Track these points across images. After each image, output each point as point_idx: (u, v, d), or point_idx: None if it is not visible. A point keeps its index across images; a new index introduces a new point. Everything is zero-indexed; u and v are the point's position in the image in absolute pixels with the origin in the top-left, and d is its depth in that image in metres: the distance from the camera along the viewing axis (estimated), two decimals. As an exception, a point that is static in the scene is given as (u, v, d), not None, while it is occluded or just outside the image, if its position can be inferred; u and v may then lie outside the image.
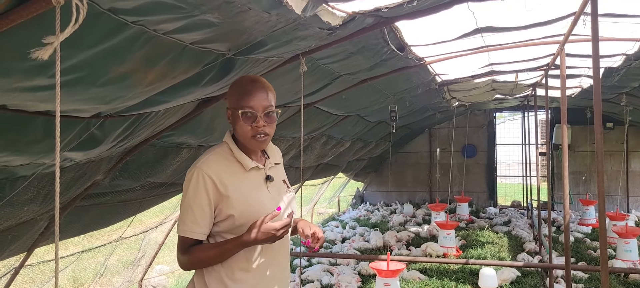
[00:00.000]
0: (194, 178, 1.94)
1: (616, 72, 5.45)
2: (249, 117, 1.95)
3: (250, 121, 1.95)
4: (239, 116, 1.94)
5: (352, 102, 5.47)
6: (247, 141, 2.00)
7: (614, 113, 9.84)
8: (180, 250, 2.00)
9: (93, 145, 2.50)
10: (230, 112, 2.00)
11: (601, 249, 2.63)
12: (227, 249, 1.96)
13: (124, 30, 1.55)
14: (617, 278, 6.63)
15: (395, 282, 5.54)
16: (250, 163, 2.02)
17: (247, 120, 1.95)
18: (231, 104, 1.99)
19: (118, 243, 5.02)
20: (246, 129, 1.96)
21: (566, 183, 4.32)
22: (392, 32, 3.29)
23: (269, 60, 2.67)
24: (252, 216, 1.97)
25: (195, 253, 1.98)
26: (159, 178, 3.99)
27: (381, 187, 13.66)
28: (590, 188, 11.77)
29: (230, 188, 1.95)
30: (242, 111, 1.94)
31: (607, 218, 9.63)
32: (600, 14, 3.30)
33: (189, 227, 1.95)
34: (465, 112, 11.67)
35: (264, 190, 2.07)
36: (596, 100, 2.65)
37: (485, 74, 5.67)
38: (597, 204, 8.52)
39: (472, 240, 9.00)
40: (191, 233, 1.95)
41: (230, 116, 2.01)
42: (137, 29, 1.58)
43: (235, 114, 1.96)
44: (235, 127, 2.01)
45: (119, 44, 1.61)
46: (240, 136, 2.00)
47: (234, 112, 1.97)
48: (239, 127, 1.97)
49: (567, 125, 4.30)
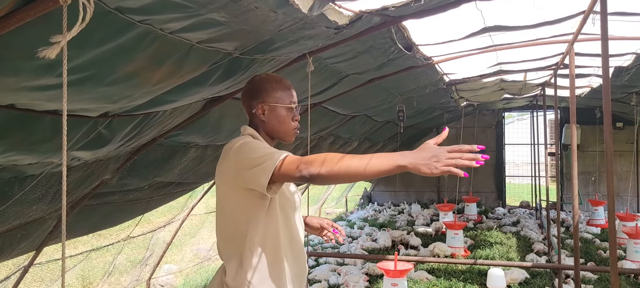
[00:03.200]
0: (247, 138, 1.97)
1: (626, 72, 5.40)
2: (293, 112, 2.06)
3: (293, 115, 2.06)
4: (283, 110, 2.03)
5: (360, 102, 5.46)
6: (287, 134, 2.07)
7: (624, 113, 9.76)
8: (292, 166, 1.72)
9: (101, 145, 2.51)
10: (267, 107, 2.02)
11: (611, 250, 2.60)
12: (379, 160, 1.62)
13: (131, 29, 1.56)
14: (627, 279, 6.57)
15: (403, 282, 5.52)
16: None
17: (291, 115, 2.06)
18: (269, 99, 2.02)
19: (126, 242, 5.04)
20: (289, 122, 2.05)
21: (575, 184, 4.28)
22: (400, 31, 3.28)
23: (276, 60, 2.66)
24: (287, 205, 2.03)
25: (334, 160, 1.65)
26: (166, 178, 4.00)
27: (389, 187, 13.63)
28: (599, 188, 11.68)
29: None
30: (290, 106, 2.04)
31: (617, 219, 9.55)
32: (610, 12, 3.28)
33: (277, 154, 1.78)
34: (473, 112, 11.62)
35: None
36: (606, 100, 2.63)
37: (493, 74, 5.65)
38: (607, 204, 8.49)
39: (480, 240, 8.96)
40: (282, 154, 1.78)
41: (266, 110, 2.02)
42: (144, 28, 1.58)
43: (277, 108, 2.02)
44: (274, 121, 2.04)
45: (126, 43, 1.62)
46: (283, 130, 2.05)
47: (275, 107, 2.02)
48: (282, 121, 2.04)
49: (576, 125, 4.26)
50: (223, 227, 2.02)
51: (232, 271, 1.96)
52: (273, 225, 1.98)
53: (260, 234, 1.94)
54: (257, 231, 1.94)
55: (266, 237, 1.96)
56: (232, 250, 1.98)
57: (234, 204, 1.96)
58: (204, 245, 7.99)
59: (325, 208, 12.48)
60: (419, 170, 1.56)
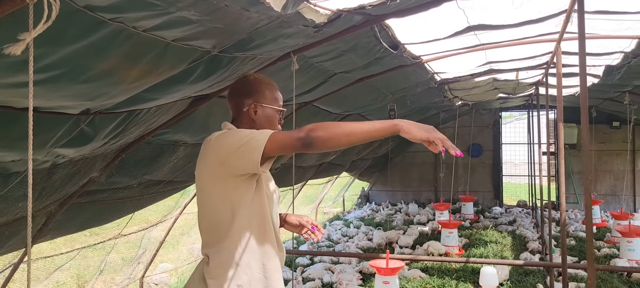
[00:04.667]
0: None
1: (617, 70, 5.42)
2: (280, 115, 2.19)
3: (281, 119, 2.20)
4: (274, 112, 2.14)
5: (352, 101, 5.49)
6: None
7: (620, 112, 9.77)
8: (289, 135, 1.82)
9: (84, 142, 2.54)
10: (260, 107, 2.11)
11: (588, 247, 2.63)
12: (374, 124, 1.77)
13: (103, 27, 1.59)
14: (619, 278, 6.60)
15: (395, 279, 5.55)
16: None
17: (278, 117, 2.18)
18: (263, 100, 2.12)
19: (117, 240, 5.07)
20: (276, 125, 2.17)
21: (562, 182, 4.31)
22: (384, 30, 3.31)
23: (258, 58, 2.70)
24: (267, 197, 2.05)
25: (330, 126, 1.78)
26: (156, 176, 4.04)
27: (387, 186, 13.66)
28: (595, 187, 11.70)
29: None
30: (280, 109, 2.16)
31: (612, 218, 9.57)
32: (594, 11, 3.32)
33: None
34: (469, 111, 11.64)
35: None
36: (583, 98, 2.66)
37: (484, 73, 5.67)
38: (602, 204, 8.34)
39: (475, 239, 8.98)
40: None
41: (257, 110, 2.11)
42: (116, 26, 1.62)
43: (269, 110, 2.13)
44: (263, 121, 2.13)
45: (99, 41, 1.65)
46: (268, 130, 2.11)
47: (267, 109, 2.12)
48: (270, 122, 2.14)
49: (565, 124, 4.29)
50: (207, 219, 2.04)
51: (217, 259, 1.98)
52: (261, 207, 2.01)
53: (247, 217, 1.97)
54: (245, 214, 1.96)
55: (253, 219, 1.98)
56: (216, 239, 1.99)
57: (218, 195, 1.97)
58: (199, 243, 8.01)
59: (322, 207, 12.51)
60: (411, 131, 1.75)
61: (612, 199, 11.71)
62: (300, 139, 1.78)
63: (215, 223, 1.99)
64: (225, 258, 1.96)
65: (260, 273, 2.01)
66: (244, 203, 1.95)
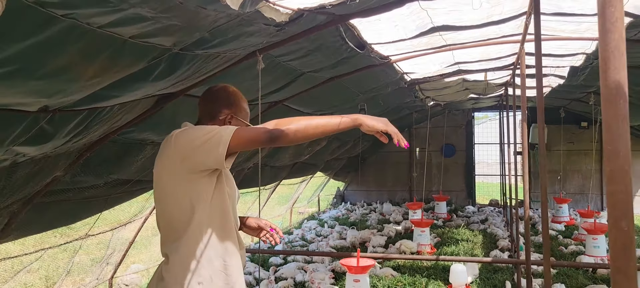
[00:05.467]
0: None
1: (580, 71, 5.56)
2: None
3: None
4: (244, 123, 2.15)
5: (323, 101, 5.53)
6: None
7: (587, 112, 10.01)
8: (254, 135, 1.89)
9: (45, 140, 2.52)
10: (235, 119, 2.14)
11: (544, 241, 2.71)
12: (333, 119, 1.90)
13: (55, 23, 1.59)
14: (585, 274, 6.76)
15: (365, 278, 5.61)
16: None
17: None
18: (239, 112, 2.16)
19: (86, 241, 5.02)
20: None
21: (526, 180, 4.42)
22: (349, 30, 3.35)
23: (222, 57, 2.71)
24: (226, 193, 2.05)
25: (294, 120, 1.89)
26: (123, 175, 4.01)
27: (362, 186, 13.75)
28: (564, 186, 11.95)
29: None
30: (248, 123, 2.16)
31: (578, 215, 9.80)
32: (553, 12, 3.41)
33: None
34: (442, 112, 11.79)
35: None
36: (539, 97, 2.73)
37: (453, 73, 5.76)
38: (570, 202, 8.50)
39: (447, 237, 9.10)
40: None
41: (231, 118, 2.13)
42: (69, 22, 1.61)
43: (241, 122, 2.15)
44: None
45: (52, 37, 1.65)
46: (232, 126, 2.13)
47: (240, 121, 2.15)
48: None
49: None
50: (167, 216, 2.02)
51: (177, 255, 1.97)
52: (221, 203, 2.02)
53: (208, 213, 1.97)
54: (205, 211, 1.97)
55: (213, 215, 1.99)
56: (176, 235, 1.99)
57: (178, 191, 1.96)
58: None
59: (297, 207, 12.52)
60: (367, 123, 1.91)
61: (581, 198, 11.98)
62: (266, 133, 1.84)
63: (174, 219, 1.99)
64: (184, 255, 1.97)
65: (221, 269, 2.02)
66: (204, 199, 1.96)
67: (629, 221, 0.92)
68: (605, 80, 0.93)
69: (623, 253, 0.91)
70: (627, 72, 0.88)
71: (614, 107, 0.92)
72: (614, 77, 0.92)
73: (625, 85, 0.92)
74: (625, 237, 0.92)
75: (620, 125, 0.92)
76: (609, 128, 0.93)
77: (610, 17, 0.91)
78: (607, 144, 0.94)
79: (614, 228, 0.93)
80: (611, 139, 0.93)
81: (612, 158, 0.93)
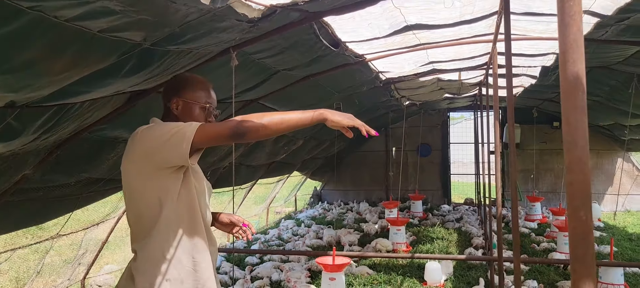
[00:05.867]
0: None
1: (552, 71, 5.67)
2: (207, 112, 2.12)
3: (207, 115, 2.12)
4: (197, 108, 2.09)
5: (299, 100, 5.52)
6: None
7: (559, 112, 10.18)
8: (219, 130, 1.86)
9: (12, 137, 2.47)
10: (182, 102, 2.09)
11: (514, 238, 2.75)
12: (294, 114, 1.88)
13: (21, 16, 1.56)
14: (556, 270, 6.89)
15: (341, 276, 5.63)
16: None
17: (205, 114, 2.12)
18: (189, 96, 2.09)
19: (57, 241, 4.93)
20: (203, 121, 2.10)
21: (498, 177, 4.48)
22: (324, 27, 3.36)
23: (195, 53, 2.69)
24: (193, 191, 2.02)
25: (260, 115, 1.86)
26: (95, 174, 3.95)
27: (339, 185, 13.79)
28: (537, 185, 12.16)
29: None
30: (205, 105, 2.10)
31: (550, 213, 9.98)
32: (523, 12, 3.46)
33: None
34: (418, 112, 11.89)
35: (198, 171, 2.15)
36: (509, 96, 2.78)
37: (428, 72, 5.82)
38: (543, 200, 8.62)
39: (423, 236, 9.19)
40: None
41: (180, 106, 2.09)
42: (35, 15, 1.59)
43: (192, 105, 2.09)
44: (186, 117, 2.08)
45: (18, 30, 1.62)
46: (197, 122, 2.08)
47: (190, 104, 2.09)
48: (193, 118, 2.08)
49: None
50: (134, 213, 2.01)
51: (145, 252, 1.96)
52: (189, 200, 2.00)
53: (175, 210, 1.95)
54: (172, 207, 1.95)
55: (182, 212, 1.97)
56: (144, 232, 1.97)
57: (145, 188, 1.95)
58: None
59: (274, 207, 12.50)
60: (332, 118, 1.89)
61: (553, 196, 12.22)
62: (231, 129, 1.83)
63: (142, 216, 1.97)
64: (152, 251, 1.95)
65: (190, 267, 2.00)
66: (171, 196, 1.94)
67: (587, 210, 0.94)
68: (564, 73, 0.95)
69: (582, 242, 0.94)
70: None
71: (573, 98, 0.94)
72: (572, 69, 0.94)
73: (583, 77, 0.94)
74: (584, 226, 0.94)
75: (578, 117, 0.94)
76: (568, 120, 0.96)
77: (569, 11, 0.94)
78: (566, 135, 0.96)
79: (572, 217, 0.95)
80: (569, 131, 0.95)
81: (571, 149, 0.95)
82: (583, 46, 0.95)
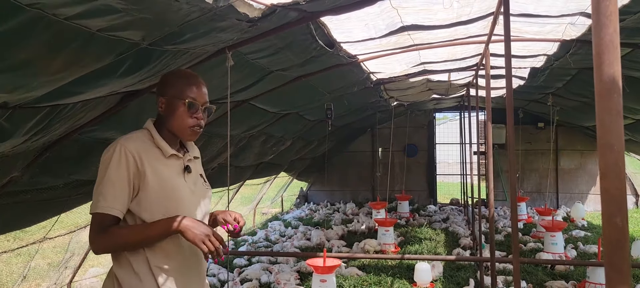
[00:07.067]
0: (116, 154, 1.92)
1: (541, 73, 5.71)
2: (193, 109, 2.01)
3: (193, 112, 2.02)
4: (181, 105, 1.99)
5: (289, 100, 5.48)
6: (182, 131, 2.04)
7: (544, 113, 10.30)
8: (97, 229, 1.88)
9: (2, 138, 2.39)
10: (166, 100, 2.02)
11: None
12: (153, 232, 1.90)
13: (20, 13, 1.50)
14: (544, 270, 6.94)
15: (332, 278, 5.60)
16: (170, 150, 2.04)
17: (190, 111, 2.01)
18: (171, 93, 2.01)
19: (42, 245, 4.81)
20: (186, 119, 2.01)
21: (491, 180, 4.49)
22: (320, 28, 3.33)
23: (191, 53, 2.64)
24: (167, 202, 1.96)
25: (116, 234, 1.88)
26: (85, 176, 3.86)
27: (325, 186, 13.76)
28: (522, 185, 12.27)
29: (149, 170, 1.94)
30: (188, 101, 2.00)
31: (536, 213, 10.07)
32: (517, 13, 3.47)
33: (110, 204, 1.86)
34: (405, 112, 11.92)
35: (182, 179, 2.07)
36: (508, 97, 2.77)
37: (418, 73, 5.81)
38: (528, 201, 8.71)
39: (410, 236, 9.20)
40: (111, 210, 1.87)
41: (164, 104, 2.02)
42: (35, 13, 1.53)
43: (176, 102, 2.01)
44: (170, 116, 2.02)
45: (17, 28, 1.56)
46: (177, 125, 2.03)
47: (174, 101, 2.01)
48: (177, 116, 2.01)
49: (494, 125, 4.47)
50: None
51: (124, 258, 1.94)
52: (165, 204, 1.96)
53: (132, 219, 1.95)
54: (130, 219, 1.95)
55: (155, 215, 1.94)
56: None
57: None
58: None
59: (261, 208, 12.42)
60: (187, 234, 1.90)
61: (538, 196, 12.34)
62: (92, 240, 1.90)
63: None
64: (120, 257, 1.96)
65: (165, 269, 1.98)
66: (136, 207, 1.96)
67: (624, 217, 0.92)
68: (599, 75, 0.93)
69: (618, 250, 0.91)
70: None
71: (608, 101, 0.92)
72: (608, 71, 0.92)
73: (618, 79, 0.92)
74: (620, 233, 0.92)
75: (614, 120, 0.92)
76: (603, 122, 0.93)
77: (605, 11, 0.91)
78: (601, 139, 0.94)
79: (608, 224, 0.93)
80: (604, 134, 0.93)
81: (606, 152, 0.93)
82: (619, 47, 0.92)
